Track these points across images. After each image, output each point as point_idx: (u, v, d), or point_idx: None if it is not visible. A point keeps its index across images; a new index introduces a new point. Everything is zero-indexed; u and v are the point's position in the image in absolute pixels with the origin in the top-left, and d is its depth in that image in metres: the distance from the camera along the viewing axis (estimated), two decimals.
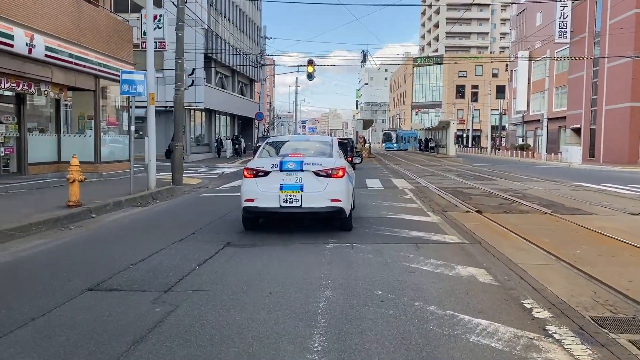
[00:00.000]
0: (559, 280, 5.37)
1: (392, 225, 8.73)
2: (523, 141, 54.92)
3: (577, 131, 43.11)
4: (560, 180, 19.66)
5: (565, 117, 44.92)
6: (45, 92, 15.02)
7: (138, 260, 6.23)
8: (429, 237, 7.65)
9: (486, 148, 63.83)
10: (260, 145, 9.36)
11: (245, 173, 7.84)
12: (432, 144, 63.66)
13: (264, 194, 7.56)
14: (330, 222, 8.37)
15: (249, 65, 44.66)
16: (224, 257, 6.40)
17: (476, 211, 10.53)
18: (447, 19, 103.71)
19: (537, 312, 4.30)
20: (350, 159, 14.36)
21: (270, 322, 4.06)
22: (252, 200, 7.63)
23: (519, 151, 49.08)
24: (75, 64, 15.51)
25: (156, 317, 4.20)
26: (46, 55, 14.05)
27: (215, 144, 38.37)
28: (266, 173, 7.64)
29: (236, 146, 39.66)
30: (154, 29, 21.07)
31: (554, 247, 6.98)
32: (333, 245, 7.04)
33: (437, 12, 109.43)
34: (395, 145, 76.88)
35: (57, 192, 12.07)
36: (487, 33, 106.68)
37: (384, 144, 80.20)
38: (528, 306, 4.47)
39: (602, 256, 6.58)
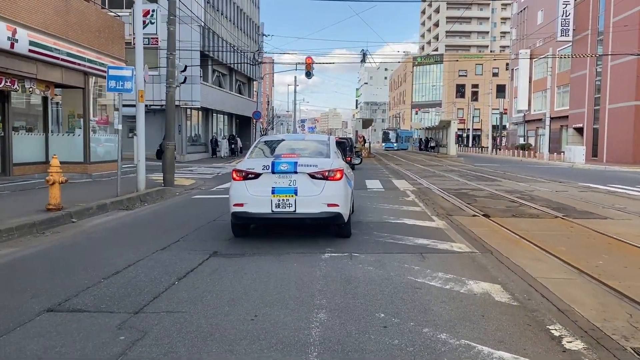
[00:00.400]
0: (586, 298, 4.73)
1: (395, 231, 8.08)
2: (524, 141, 54.29)
3: (579, 130, 42.48)
4: (566, 181, 19.03)
5: (567, 117, 44.27)
6: (31, 89, 14.36)
7: (112, 273, 5.59)
8: (435, 245, 7.00)
9: (487, 148, 63.18)
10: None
11: (234, 175, 7.18)
12: (432, 144, 62.98)
13: (255, 198, 6.91)
14: (328, 227, 7.73)
15: (247, 63, 44.00)
16: (208, 269, 5.75)
17: (483, 215, 9.88)
18: (447, 17, 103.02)
19: (568, 342, 3.65)
20: (349, 159, 13.71)
21: (253, 355, 3.41)
22: (241, 205, 6.98)
23: (521, 151, 48.45)
24: (62, 59, 14.86)
25: (118, 348, 3.56)
26: (30, 51, 13.39)
27: (210, 144, 37.44)
28: (257, 175, 6.98)
29: (232, 146, 38.32)
30: (147, 24, 20.48)
31: (573, 257, 6.34)
32: (330, 255, 6.39)
33: (437, 10, 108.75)
34: (395, 144, 74.10)
35: (41, 195, 11.39)
36: (487, 32, 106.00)
37: (383, 144, 76.98)
38: (556, 334, 3.82)
39: (628, 268, 5.93)
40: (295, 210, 6.84)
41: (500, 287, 5.00)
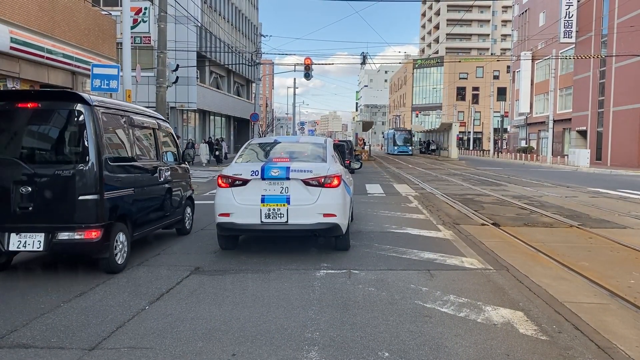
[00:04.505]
0: (627, 330, 4.00)
1: (398, 242, 7.36)
2: (526, 144, 53.62)
3: (582, 133, 41.78)
4: (574, 186, 18.30)
5: (569, 119, 43.56)
6: (13, 89, 13.65)
7: (75, 295, 4.87)
8: (443, 260, 6.28)
9: (488, 151, 62.44)
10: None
11: (220, 181, 6.46)
12: (433, 147, 62.30)
13: (242, 207, 6.19)
14: (324, 238, 7.02)
15: (245, 64, 43.37)
16: (185, 290, 5.03)
17: (493, 224, 9.16)
18: (447, 20, 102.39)
19: None
20: (348, 162, 12.99)
21: None
22: (227, 215, 6.26)
23: (523, 154, 47.73)
24: (47, 58, 14.18)
25: None
26: (12, 48, 12.72)
27: (186, 148, 32.28)
28: (244, 182, 6.27)
29: (217, 152, 31.75)
30: (138, 22, 19.81)
31: (600, 275, 5.62)
32: (325, 272, 5.67)
33: (438, 13, 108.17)
34: (410, 148, 60.79)
35: None
36: (488, 34, 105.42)
37: (394, 147, 61.19)
38: None
39: None
40: (287, 221, 6.12)
41: (523, 315, 4.28)
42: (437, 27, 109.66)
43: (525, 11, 55.23)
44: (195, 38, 31.98)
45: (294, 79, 57.94)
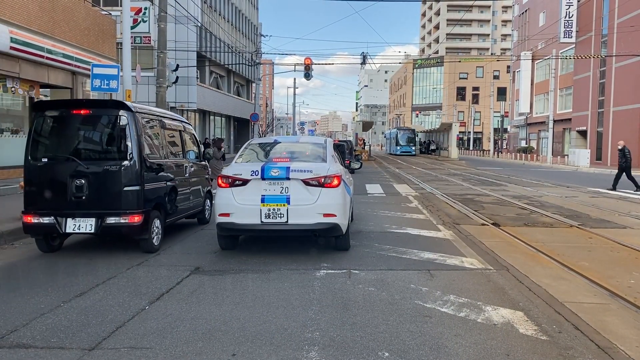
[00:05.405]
0: (627, 330, 4.00)
1: (398, 242, 7.37)
2: (526, 144, 53.63)
3: (582, 133, 41.77)
4: (574, 186, 18.31)
5: (569, 119, 43.56)
6: (13, 89, 13.68)
7: (75, 294, 4.87)
8: (443, 260, 6.28)
9: (488, 151, 62.43)
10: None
11: (220, 181, 6.47)
12: (433, 147, 62.28)
13: (242, 207, 6.19)
14: (324, 238, 7.02)
15: (245, 64, 43.36)
16: (185, 290, 5.04)
17: (493, 224, 9.16)
18: (447, 20, 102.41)
19: None
20: (348, 162, 12.99)
21: None
22: (227, 215, 6.26)
23: (523, 154, 47.73)
24: (47, 58, 14.19)
25: None
26: (12, 48, 12.73)
27: None
28: (245, 182, 6.27)
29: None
30: (138, 22, 19.81)
31: (600, 275, 5.62)
32: (325, 272, 5.67)
33: (438, 13, 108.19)
34: (413, 149, 58.02)
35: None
36: (488, 34, 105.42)
37: (397, 147, 58.39)
38: None
39: None
40: (287, 221, 6.12)
41: (523, 315, 4.28)
42: (437, 27, 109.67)
43: (525, 11, 55.25)
44: (195, 38, 31.98)
45: (294, 79, 57.96)
